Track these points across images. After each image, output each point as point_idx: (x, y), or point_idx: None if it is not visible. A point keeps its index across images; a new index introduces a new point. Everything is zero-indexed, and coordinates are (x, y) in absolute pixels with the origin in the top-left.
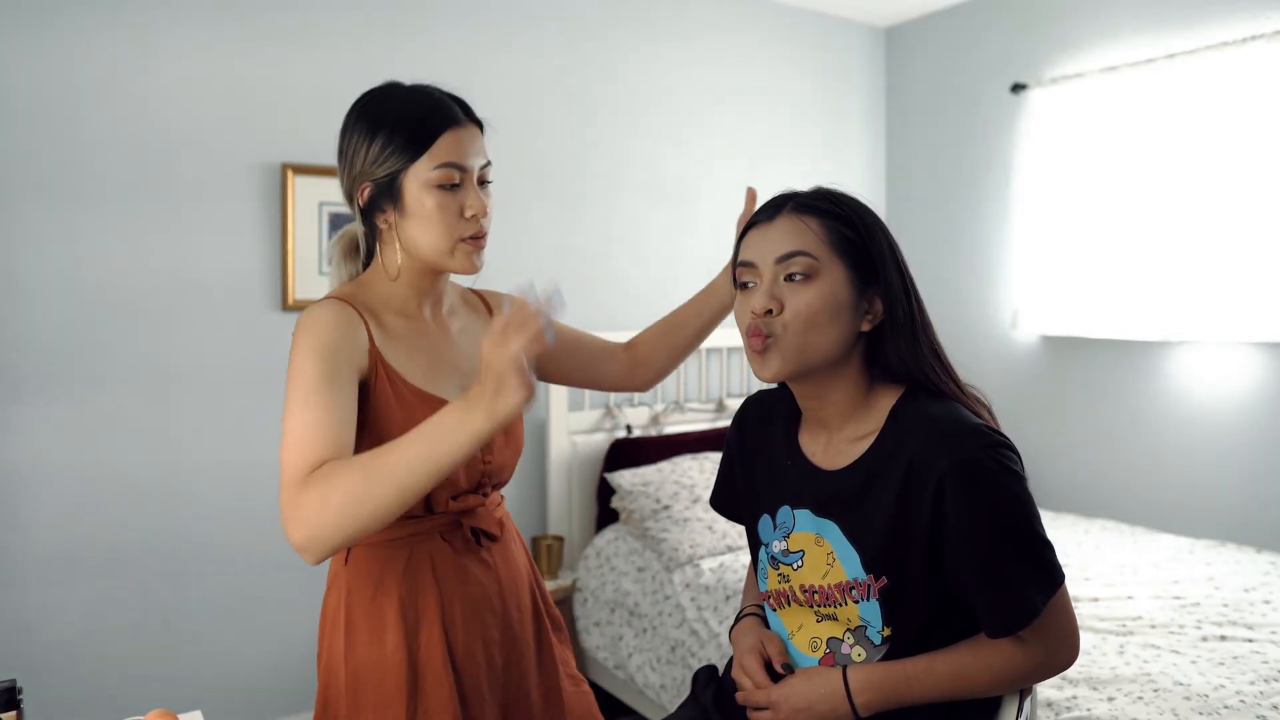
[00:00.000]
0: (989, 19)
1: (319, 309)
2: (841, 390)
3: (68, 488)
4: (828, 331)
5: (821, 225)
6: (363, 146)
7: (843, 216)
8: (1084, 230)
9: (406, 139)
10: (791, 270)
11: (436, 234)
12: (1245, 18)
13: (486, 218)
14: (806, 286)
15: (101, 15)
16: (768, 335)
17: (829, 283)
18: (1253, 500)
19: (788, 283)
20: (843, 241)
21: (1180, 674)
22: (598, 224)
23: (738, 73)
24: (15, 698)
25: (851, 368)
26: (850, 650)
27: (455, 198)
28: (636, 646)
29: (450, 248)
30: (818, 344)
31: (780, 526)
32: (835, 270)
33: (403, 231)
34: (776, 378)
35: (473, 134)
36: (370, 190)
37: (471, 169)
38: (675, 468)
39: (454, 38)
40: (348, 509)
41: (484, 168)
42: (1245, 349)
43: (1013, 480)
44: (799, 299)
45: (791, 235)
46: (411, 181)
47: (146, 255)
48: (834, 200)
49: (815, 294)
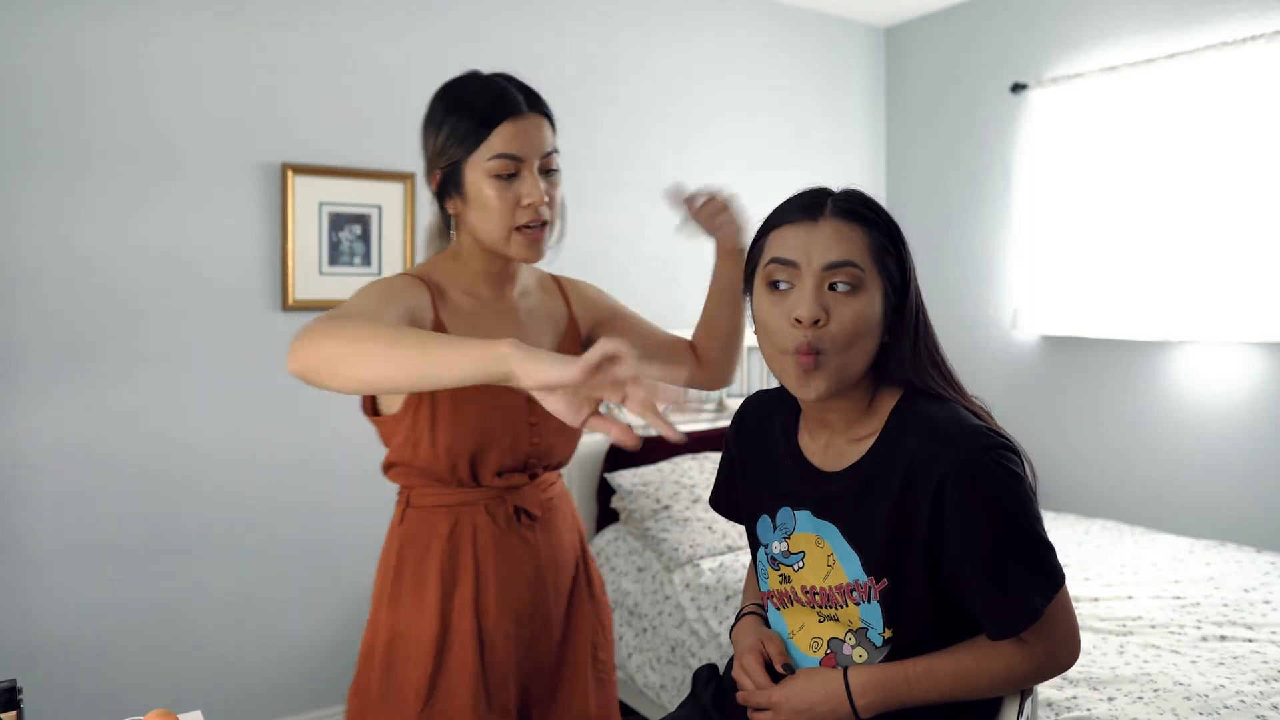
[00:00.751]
0: (989, 19)
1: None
2: (851, 397)
3: (67, 487)
4: (864, 347)
5: (866, 235)
6: (432, 135)
7: (884, 227)
8: (1084, 230)
9: (466, 129)
10: (836, 279)
11: (493, 222)
12: (1245, 18)
13: (548, 206)
14: (852, 299)
15: (101, 15)
16: (819, 351)
17: (870, 297)
18: (1253, 500)
19: (831, 292)
20: (884, 255)
21: (1180, 674)
22: (598, 224)
23: (738, 72)
24: (15, 698)
25: (865, 376)
26: (851, 651)
27: (513, 187)
28: (636, 646)
29: (505, 236)
30: (856, 361)
31: (780, 527)
32: (876, 284)
33: (466, 218)
34: (824, 398)
35: (535, 124)
36: (439, 177)
37: (530, 158)
38: (675, 468)
39: (454, 38)
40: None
41: (546, 156)
42: (1245, 349)
43: (1013, 481)
44: (845, 312)
45: (840, 242)
46: (471, 170)
47: (146, 257)
48: (873, 208)
49: (860, 308)
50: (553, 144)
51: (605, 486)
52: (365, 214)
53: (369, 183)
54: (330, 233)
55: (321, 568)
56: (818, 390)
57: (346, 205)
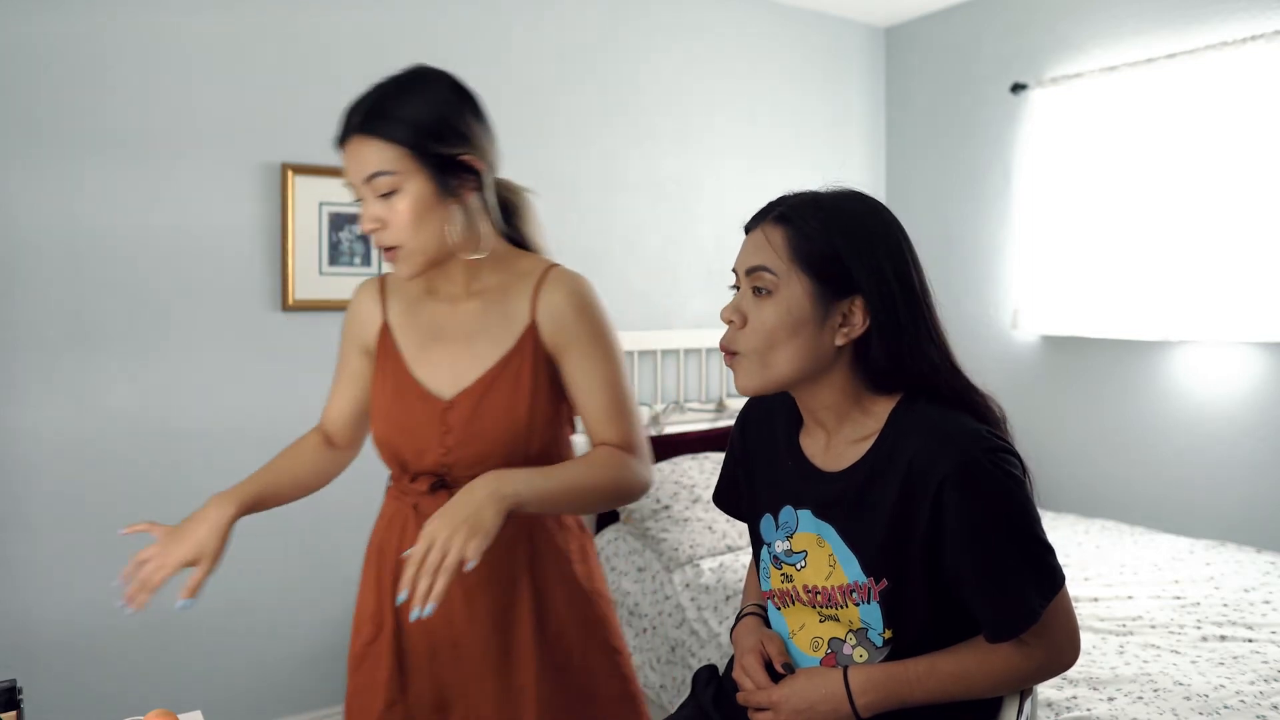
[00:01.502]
0: (989, 19)
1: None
2: (830, 395)
3: (67, 487)
4: (788, 347)
5: (785, 238)
6: None
7: (814, 227)
8: (1084, 230)
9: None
10: (756, 284)
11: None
12: (1245, 18)
13: (389, 230)
14: (766, 302)
15: (104, 9)
16: (734, 351)
17: (787, 298)
18: (1253, 500)
19: (754, 296)
20: (807, 254)
21: (1180, 674)
22: (598, 224)
23: (737, 73)
24: (15, 698)
25: (837, 376)
26: (852, 651)
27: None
28: (636, 646)
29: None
30: (779, 361)
31: (783, 526)
32: (795, 284)
33: None
34: (747, 393)
35: (355, 149)
36: None
37: (356, 185)
38: (675, 468)
39: (454, 39)
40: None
41: (370, 181)
42: (1245, 349)
43: (1013, 484)
44: (758, 315)
45: (757, 249)
46: None
47: (147, 247)
48: (815, 208)
49: (773, 310)
50: (378, 165)
51: None
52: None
53: None
54: (330, 233)
55: (322, 568)
56: (743, 385)
57: (346, 205)
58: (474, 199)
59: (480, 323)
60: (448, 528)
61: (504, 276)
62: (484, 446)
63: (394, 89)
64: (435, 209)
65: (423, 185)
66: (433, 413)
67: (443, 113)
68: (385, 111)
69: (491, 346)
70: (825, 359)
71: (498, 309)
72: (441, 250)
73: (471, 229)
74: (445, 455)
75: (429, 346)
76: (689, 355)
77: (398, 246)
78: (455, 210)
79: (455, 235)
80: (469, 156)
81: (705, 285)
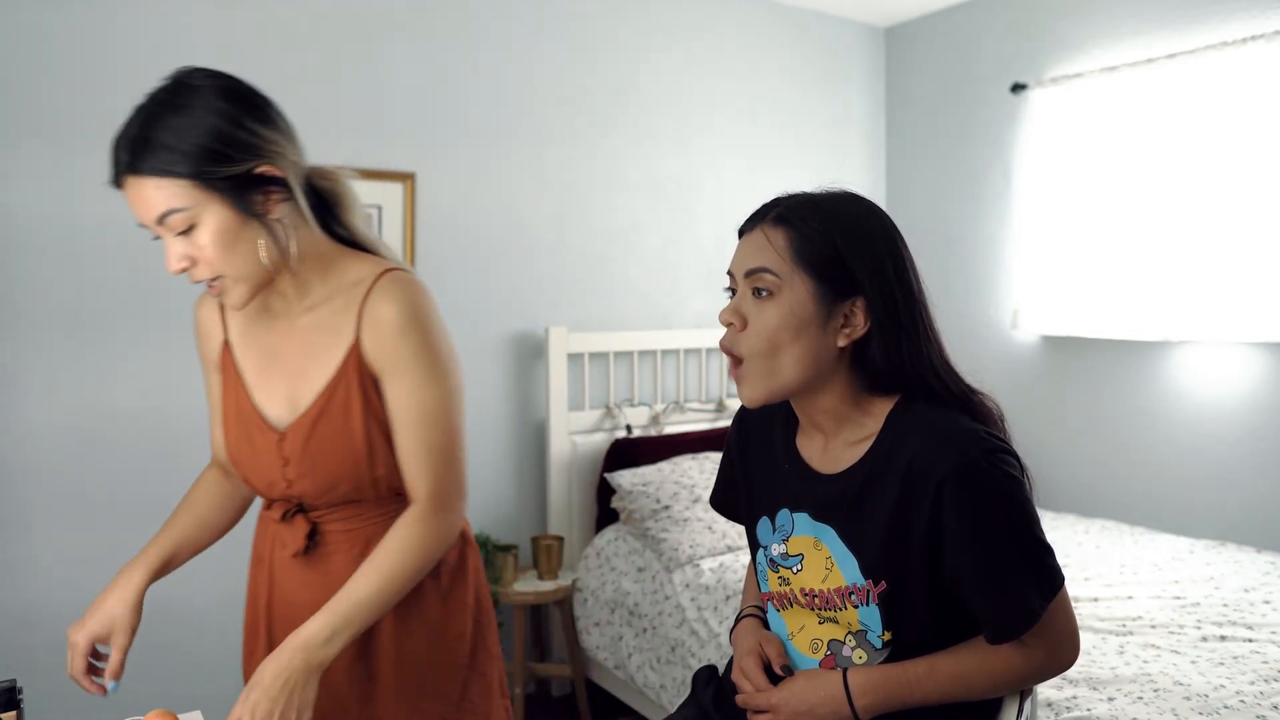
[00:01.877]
0: (989, 19)
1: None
2: (830, 397)
3: (67, 487)
4: (792, 349)
5: (787, 238)
6: None
7: (815, 228)
8: (1084, 230)
9: None
10: (757, 286)
11: None
12: (1245, 18)
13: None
14: (768, 303)
15: (101, 11)
16: (738, 358)
17: (790, 300)
18: (1253, 500)
19: (755, 298)
20: (809, 255)
21: (1180, 674)
22: (598, 224)
23: (737, 72)
24: (15, 698)
25: (839, 377)
26: (851, 653)
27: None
28: (636, 646)
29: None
30: (784, 364)
31: (780, 530)
32: (798, 286)
33: None
34: (754, 404)
35: (135, 190)
36: None
37: (149, 227)
38: (675, 468)
39: (454, 39)
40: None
41: (164, 220)
42: (1245, 349)
43: (1012, 485)
44: (761, 318)
45: (758, 250)
46: None
47: (147, 256)
48: (814, 209)
49: (775, 312)
50: (165, 204)
51: (605, 486)
52: (366, 214)
53: (369, 183)
54: None
55: None
56: (750, 395)
57: None
58: (284, 208)
59: (312, 342)
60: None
61: (333, 287)
62: (325, 478)
63: (157, 112)
64: (243, 233)
65: (221, 213)
66: (270, 443)
67: (218, 128)
68: (154, 142)
69: (321, 369)
70: (828, 361)
71: (328, 326)
72: (264, 272)
73: (289, 240)
74: (289, 487)
75: (267, 369)
76: (689, 355)
77: (217, 278)
78: (268, 226)
79: (274, 253)
80: (264, 167)
81: (705, 285)
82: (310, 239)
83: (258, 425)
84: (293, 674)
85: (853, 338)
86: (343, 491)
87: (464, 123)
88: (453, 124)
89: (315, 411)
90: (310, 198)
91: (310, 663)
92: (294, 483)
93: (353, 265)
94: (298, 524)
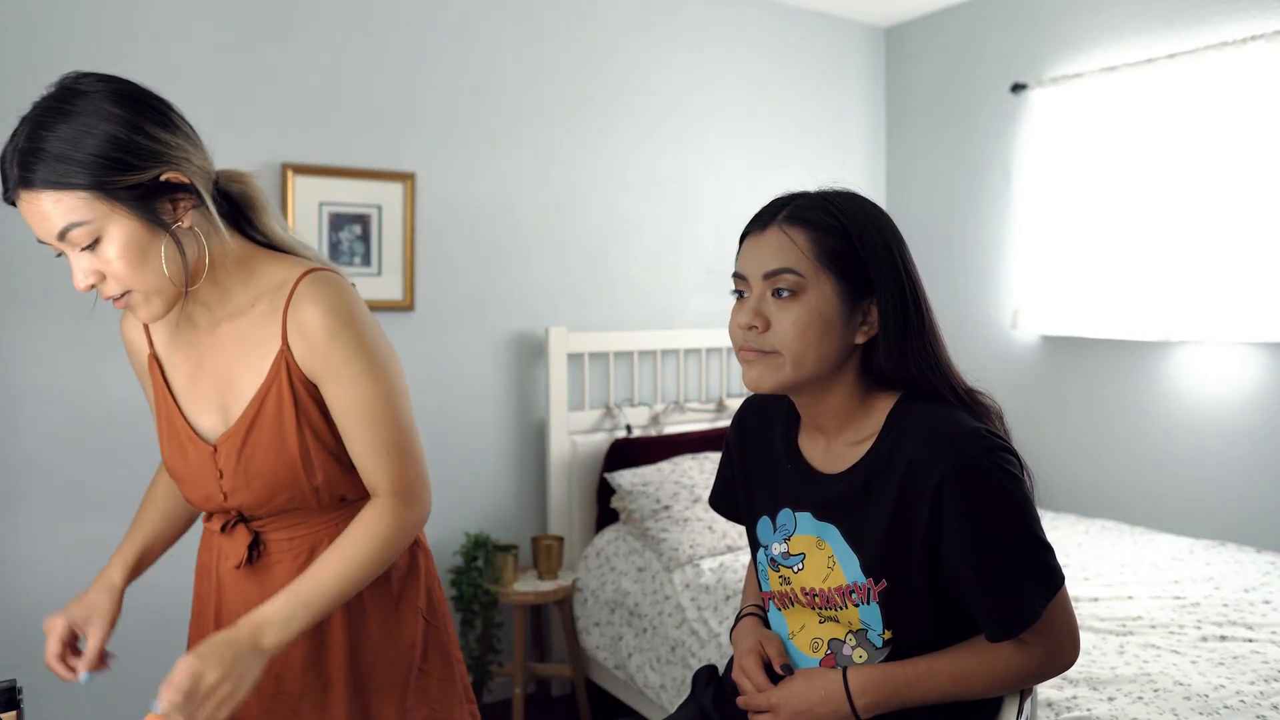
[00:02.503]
0: (989, 19)
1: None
2: (837, 398)
3: (68, 487)
4: (821, 346)
5: (809, 238)
6: None
7: (833, 227)
8: (1084, 230)
9: None
10: (779, 286)
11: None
12: (1245, 18)
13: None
14: (793, 304)
15: (100, 14)
16: (756, 350)
17: (816, 298)
18: (1253, 500)
19: (775, 299)
20: (831, 254)
21: (1180, 674)
22: (598, 224)
23: (737, 72)
24: (15, 698)
25: (847, 376)
26: (851, 652)
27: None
28: (636, 646)
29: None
30: (811, 359)
31: (781, 529)
32: (823, 285)
33: None
34: (762, 390)
35: (31, 205)
36: None
37: (50, 243)
38: (675, 468)
39: (453, 38)
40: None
41: (65, 234)
42: (1245, 349)
43: (1011, 483)
44: (784, 318)
45: (778, 250)
46: None
47: None
48: (827, 208)
49: (802, 311)
50: (64, 218)
51: (605, 486)
52: (365, 214)
53: (369, 183)
54: (330, 233)
55: None
56: (758, 383)
57: (346, 205)
58: (194, 215)
59: (239, 351)
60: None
61: (255, 292)
62: (262, 489)
63: (46, 121)
64: (151, 244)
65: (126, 224)
66: (203, 457)
67: (114, 135)
68: (46, 153)
69: (251, 378)
70: (844, 359)
71: (254, 334)
72: (177, 284)
73: (203, 250)
74: (225, 500)
75: (196, 380)
76: (689, 355)
77: (125, 293)
78: (178, 235)
79: (188, 263)
80: (169, 174)
81: (705, 285)
82: (225, 246)
83: (189, 438)
84: (239, 646)
85: (869, 335)
86: (281, 501)
87: (464, 123)
88: (453, 124)
89: (246, 422)
90: (221, 203)
91: (260, 641)
92: (230, 495)
93: (273, 268)
94: (239, 535)
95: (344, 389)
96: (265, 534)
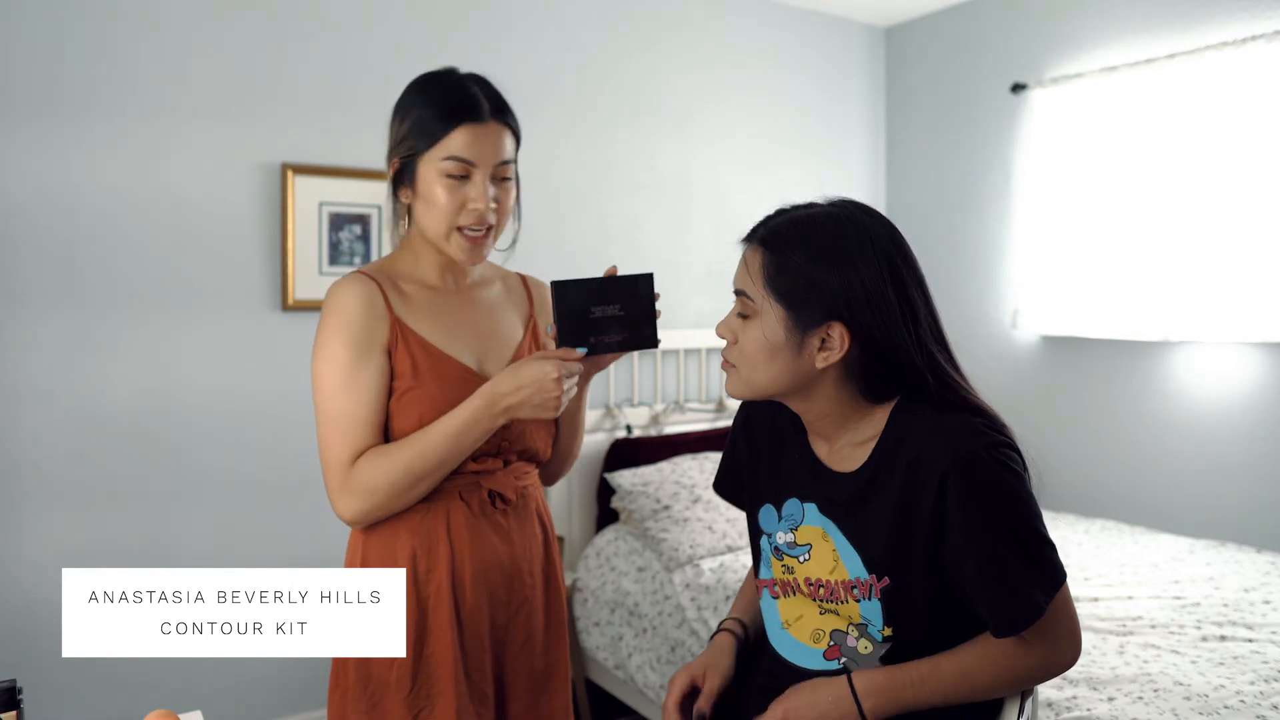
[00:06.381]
0: (989, 19)
1: (342, 287)
2: (822, 407)
3: (68, 488)
4: (769, 369)
5: (761, 265)
6: (395, 124)
7: (786, 258)
8: (1084, 230)
9: (426, 126)
10: (740, 308)
11: (436, 219)
12: (1245, 18)
13: (495, 212)
14: (749, 324)
15: (100, 15)
16: (727, 360)
17: (762, 324)
18: (1253, 500)
19: (739, 319)
20: (782, 285)
21: (1180, 674)
22: (598, 223)
23: (737, 72)
24: (15, 698)
25: (826, 390)
26: (856, 642)
27: (462, 189)
28: (636, 646)
29: (446, 234)
30: (762, 379)
31: (788, 518)
32: (770, 311)
33: (415, 210)
34: (737, 398)
35: (493, 132)
36: (396, 166)
37: (482, 165)
38: (675, 468)
39: (454, 37)
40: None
41: (500, 165)
42: (1245, 349)
43: (1014, 479)
44: (745, 335)
45: (742, 271)
46: (425, 166)
47: (147, 257)
48: (793, 235)
49: (752, 335)
50: (509, 154)
51: (605, 486)
52: (365, 214)
53: (369, 183)
54: (330, 233)
55: (322, 567)
56: (732, 390)
57: (346, 205)
58: None
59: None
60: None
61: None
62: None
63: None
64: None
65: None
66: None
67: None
68: (509, 108)
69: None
70: (807, 378)
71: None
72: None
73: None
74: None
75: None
76: (689, 355)
77: (493, 227)
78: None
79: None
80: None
81: (705, 285)
82: None
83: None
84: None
85: (831, 360)
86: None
87: None
88: None
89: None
90: None
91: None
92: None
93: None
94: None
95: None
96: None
